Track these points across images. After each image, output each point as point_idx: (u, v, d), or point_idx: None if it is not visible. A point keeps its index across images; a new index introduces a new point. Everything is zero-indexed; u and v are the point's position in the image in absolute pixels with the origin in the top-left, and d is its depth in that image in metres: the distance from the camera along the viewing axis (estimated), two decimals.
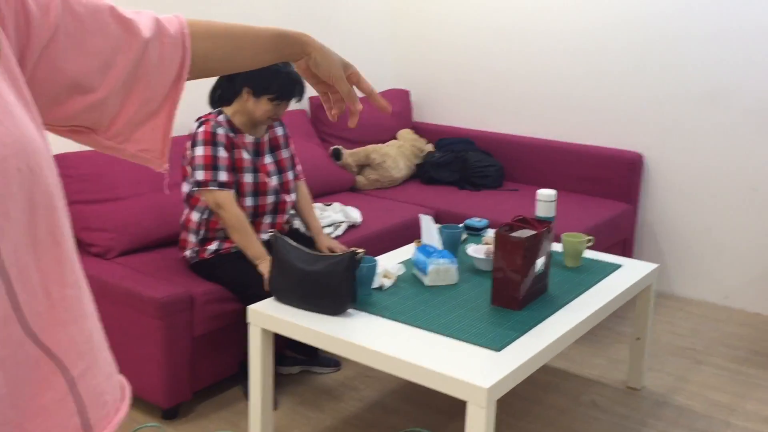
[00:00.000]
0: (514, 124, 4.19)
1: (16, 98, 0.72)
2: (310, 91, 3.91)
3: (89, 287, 0.78)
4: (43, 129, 0.74)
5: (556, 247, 2.76)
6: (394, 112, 4.32)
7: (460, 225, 2.73)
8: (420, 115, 4.57)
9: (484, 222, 2.94)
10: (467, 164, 3.99)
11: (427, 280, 2.36)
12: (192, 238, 2.61)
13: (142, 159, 0.99)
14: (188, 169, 2.57)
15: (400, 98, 4.43)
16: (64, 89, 0.84)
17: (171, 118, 0.98)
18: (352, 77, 1.07)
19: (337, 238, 3.05)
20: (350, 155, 3.90)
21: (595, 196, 3.81)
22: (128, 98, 0.92)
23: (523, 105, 4.14)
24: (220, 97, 2.67)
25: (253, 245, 2.50)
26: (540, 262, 2.25)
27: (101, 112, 0.89)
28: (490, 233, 2.91)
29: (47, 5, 0.79)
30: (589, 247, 2.81)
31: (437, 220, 3.49)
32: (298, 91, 2.60)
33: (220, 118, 2.58)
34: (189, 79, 0.98)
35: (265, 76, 2.52)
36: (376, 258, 2.41)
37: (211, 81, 2.72)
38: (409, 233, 3.35)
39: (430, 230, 2.56)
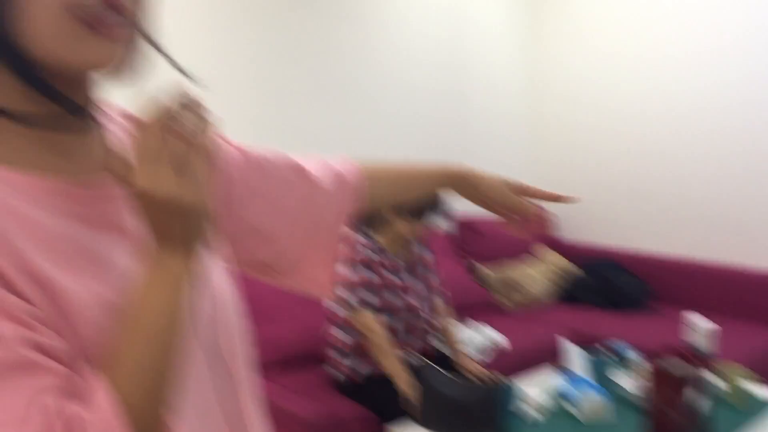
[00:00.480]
0: (659, 242, 4.03)
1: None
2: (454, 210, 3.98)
3: None
4: (231, 278, 0.85)
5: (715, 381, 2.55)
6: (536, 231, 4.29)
7: (604, 350, 2.61)
8: (560, 233, 4.50)
9: (628, 348, 2.79)
10: (610, 285, 3.85)
11: (581, 415, 2.25)
12: (338, 358, 2.65)
13: (308, 289, 1.05)
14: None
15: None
16: (245, 234, 0.92)
17: (336, 252, 1.03)
18: (520, 190, 1.08)
19: (478, 359, 2.99)
20: (490, 273, 3.88)
21: (758, 323, 3.54)
22: (305, 242, 0.98)
23: (670, 221, 3.99)
24: (366, 221, 2.77)
25: (397, 366, 2.50)
26: (701, 401, 2.09)
27: (279, 254, 0.97)
28: (639, 361, 2.75)
29: (240, 168, 0.90)
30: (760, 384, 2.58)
31: (579, 343, 3.35)
32: (438, 204, 2.66)
33: (368, 240, 2.66)
34: None
35: None
36: (516, 382, 2.33)
37: None
38: (551, 356, 3.24)
39: (574, 356, 2.46)
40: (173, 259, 0.64)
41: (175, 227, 0.63)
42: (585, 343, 3.37)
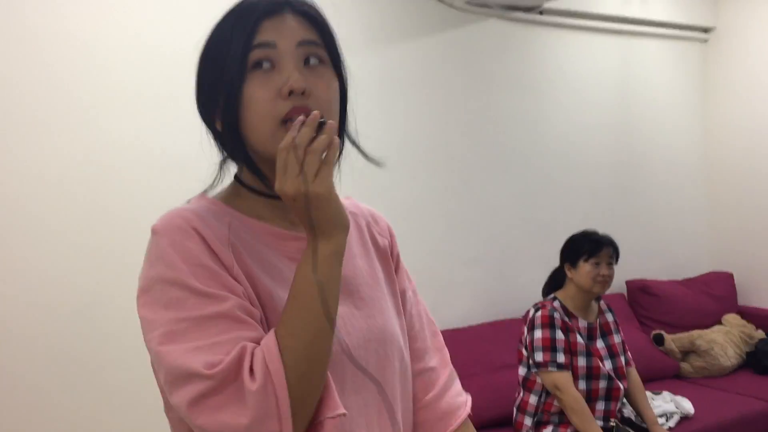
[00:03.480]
0: None
1: (390, 293, 1.10)
2: (624, 272, 3.94)
3: None
4: (402, 318, 1.11)
5: None
6: (717, 295, 4.14)
7: None
8: (746, 298, 4.30)
9: None
10: None
11: None
12: (527, 422, 2.69)
13: None
14: (524, 352, 2.71)
15: (723, 281, 4.24)
16: None
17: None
18: None
19: (669, 429, 2.92)
20: (673, 340, 3.77)
21: None
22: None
23: None
24: (551, 286, 2.86)
25: (592, 428, 2.51)
26: None
27: None
28: None
29: (404, 288, 1.17)
30: None
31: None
32: (606, 244, 2.71)
33: (555, 303, 2.73)
34: None
35: (574, 244, 2.78)
36: None
37: None
38: (749, 428, 3.08)
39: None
40: (321, 243, 0.88)
41: (309, 215, 0.87)
42: None
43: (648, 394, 3.18)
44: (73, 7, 2.64)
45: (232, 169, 1.06)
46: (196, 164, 1.16)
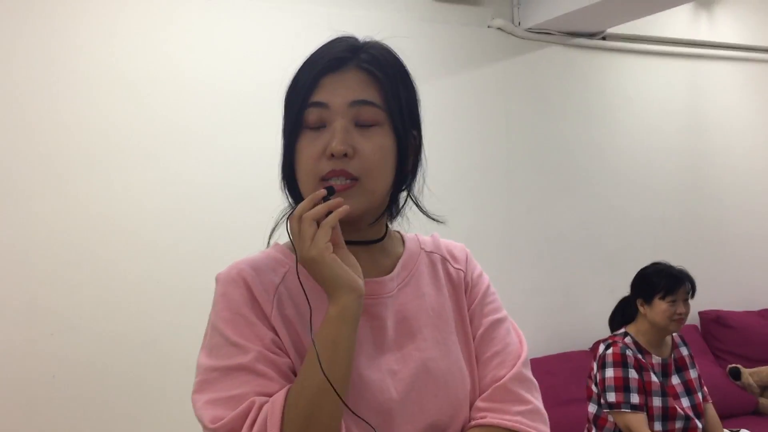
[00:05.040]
0: None
1: (461, 331, 1.08)
2: (697, 302, 3.80)
3: None
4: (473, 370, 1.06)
5: None
6: None
7: None
8: None
9: None
10: None
11: None
12: None
13: None
14: (593, 388, 2.62)
15: None
16: None
17: None
18: None
19: None
20: (751, 374, 3.61)
21: None
22: None
23: None
24: (621, 320, 2.75)
25: None
26: None
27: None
28: None
29: (480, 315, 1.11)
30: None
31: None
32: (684, 279, 2.60)
33: (627, 339, 2.63)
34: None
35: (648, 280, 2.63)
36: None
37: None
38: None
39: None
40: (330, 304, 0.92)
41: (319, 278, 0.92)
42: None
43: (725, 429, 3.05)
44: (128, 49, 2.72)
45: None
46: (264, 198, 1.18)
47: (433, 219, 1.08)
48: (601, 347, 2.64)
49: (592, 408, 2.65)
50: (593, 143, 3.75)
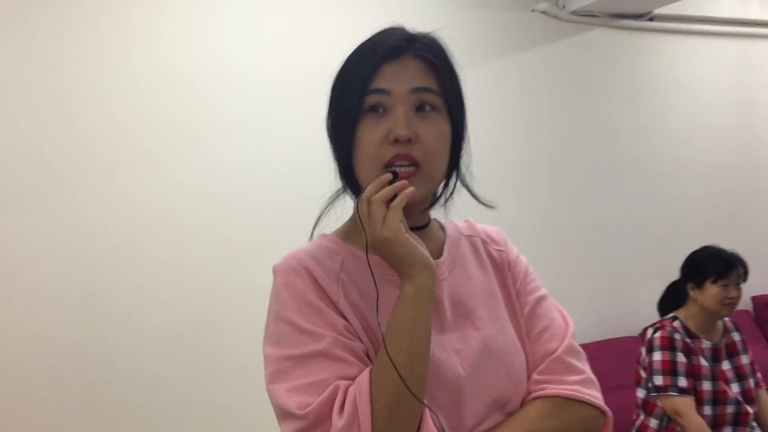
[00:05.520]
0: None
1: (509, 308, 1.11)
2: (750, 286, 3.72)
3: None
4: (521, 329, 1.11)
5: None
6: None
7: None
8: None
9: None
10: None
11: None
12: None
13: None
14: (642, 373, 2.61)
15: None
16: None
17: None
18: None
19: None
20: None
21: None
22: None
23: None
24: (670, 304, 2.72)
25: None
26: None
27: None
28: None
29: (525, 295, 1.14)
30: None
31: None
32: (736, 263, 2.55)
33: (676, 323, 2.60)
34: None
35: (699, 264, 2.59)
36: None
37: None
38: None
39: None
40: (404, 285, 0.94)
41: (393, 259, 0.93)
42: None
43: None
44: (176, 41, 2.78)
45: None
46: (307, 186, 1.21)
47: (485, 204, 1.09)
48: (650, 331, 2.62)
49: (640, 393, 2.64)
50: (641, 127, 3.70)
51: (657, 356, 2.52)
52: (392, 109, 0.98)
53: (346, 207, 1.09)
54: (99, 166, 2.66)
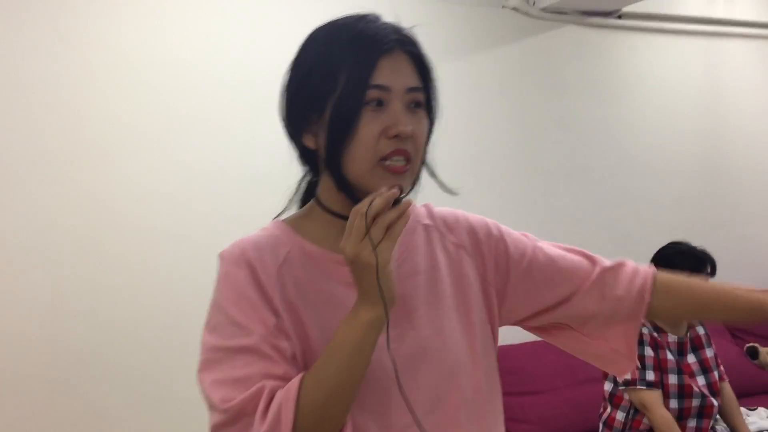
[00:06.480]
0: None
1: (460, 309, 1.09)
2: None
3: None
4: (475, 330, 1.10)
5: None
6: None
7: None
8: None
9: None
10: None
11: None
12: None
13: (608, 360, 1.19)
14: None
15: None
16: (547, 306, 1.16)
17: (637, 329, 1.18)
18: None
19: None
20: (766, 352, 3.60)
21: None
22: (602, 303, 1.16)
23: None
24: None
25: None
26: None
27: (577, 315, 1.16)
28: None
29: (523, 251, 1.15)
30: None
31: None
32: (706, 261, 2.58)
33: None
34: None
35: (669, 261, 2.57)
36: None
37: None
38: None
39: None
40: (364, 308, 0.92)
41: (364, 283, 0.90)
42: None
43: (743, 410, 3.05)
44: (135, 37, 2.74)
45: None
46: (274, 181, 1.19)
47: (449, 191, 1.08)
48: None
49: (607, 386, 2.67)
50: (609, 123, 3.74)
51: None
52: (390, 104, 0.98)
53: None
54: (59, 163, 2.62)
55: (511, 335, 1.57)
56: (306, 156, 1.06)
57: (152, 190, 2.73)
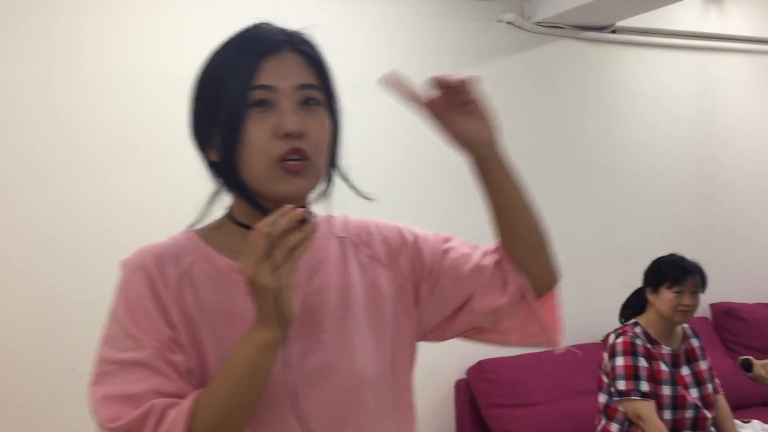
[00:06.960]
0: None
1: (374, 325, 1.06)
2: (709, 294, 3.80)
3: None
4: (390, 347, 1.07)
5: None
6: None
7: None
8: None
9: None
10: None
11: None
12: None
13: (533, 344, 1.22)
14: (604, 378, 2.65)
15: None
16: (453, 311, 1.14)
17: (539, 309, 1.20)
18: None
19: None
20: (763, 366, 3.60)
21: None
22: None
23: None
24: (632, 311, 2.77)
25: None
26: None
27: (488, 318, 1.14)
28: None
29: (438, 256, 1.13)
30: None
31: None
32: (693, 272, 2.60)
33: (637, 329, 2.65)
34: None
35: (658, 269, 2.65)
36: None
37: None
38: None
39: None
40: (260, 330, 0.89)
41: (262, 304, 0.88)
42: None
43: (737, 422, 3.05)
44: (127, 46, 2.76)
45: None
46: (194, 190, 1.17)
47: (363, 196, 1.06)
48: (612, 337, 2.66)
49: (602, 398, 2.68)
50: (603, 137, 3.77)
51: (619, 361, 2.57)
52: (278, 104, 0.96)
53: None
54: (54, 176, 2.62)
55: (506, 347, 1.58)
56: (214, 170, 1.04)
57: (148, 202, 2.74)
